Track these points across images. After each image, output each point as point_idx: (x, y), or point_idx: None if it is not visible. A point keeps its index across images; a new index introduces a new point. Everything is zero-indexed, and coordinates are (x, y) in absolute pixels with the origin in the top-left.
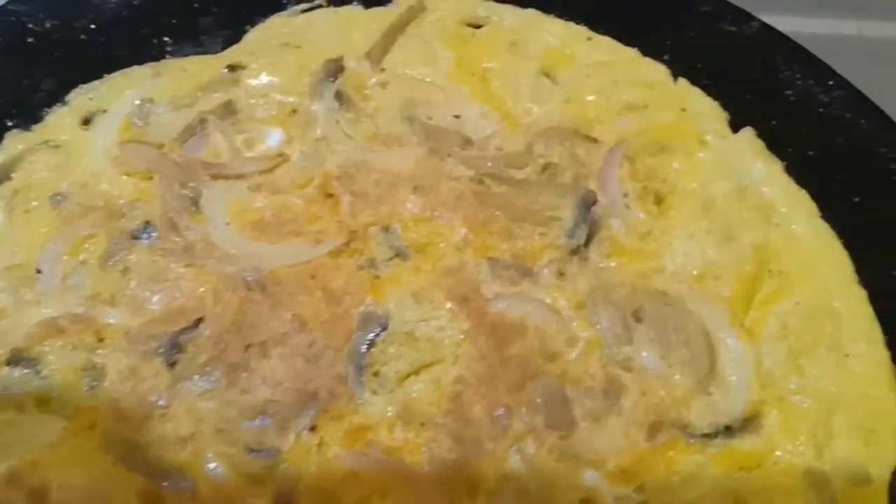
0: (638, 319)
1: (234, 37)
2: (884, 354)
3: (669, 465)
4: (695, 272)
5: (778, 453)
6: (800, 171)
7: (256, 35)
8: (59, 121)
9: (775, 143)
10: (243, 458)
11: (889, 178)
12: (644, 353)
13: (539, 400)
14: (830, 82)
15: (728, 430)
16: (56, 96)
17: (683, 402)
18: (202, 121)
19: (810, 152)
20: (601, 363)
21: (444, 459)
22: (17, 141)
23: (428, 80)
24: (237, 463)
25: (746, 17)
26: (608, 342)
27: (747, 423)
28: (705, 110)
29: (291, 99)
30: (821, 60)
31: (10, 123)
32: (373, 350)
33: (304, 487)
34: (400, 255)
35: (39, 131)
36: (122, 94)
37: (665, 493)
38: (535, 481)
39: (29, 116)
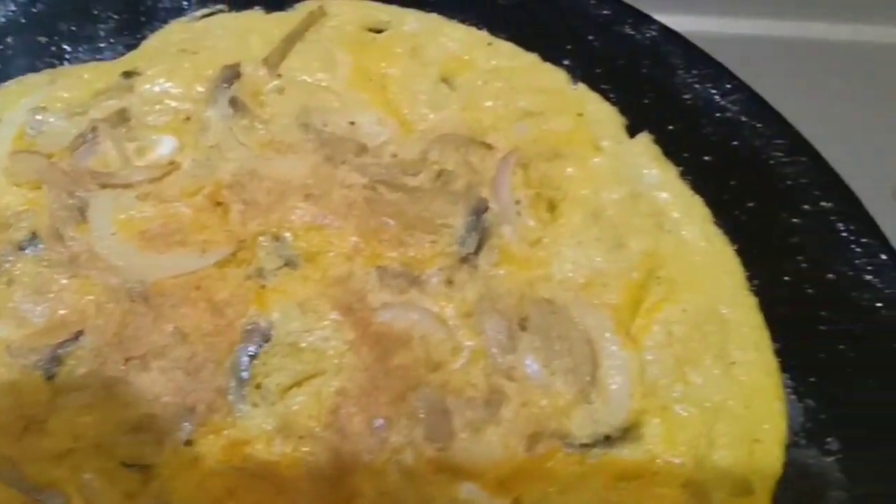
0: (523, 328)
1: (134, 43)
2: (772, 363)
3: (548, 475)
4: (582, 280)
5: (658, 462)
6: (695, 176)
7: (155, 41)
8: None
9: (672, 148)
10: (118, 473)
11: (784, 183)
12: (528, 362)
13: (420, 411)
14: (728, 85)
15: (608, 440)
16: None
17: (564, 412)
18: (93, 129)
19: (706, 157)
20: (485, 373)
21: (321, 474)
22: None
23: (325, 85)
24: (112, 478)
25: (646, 20)
26: (493, 351)
27: (627, 432)
28: (602, 115)
29: (186, 106)
30: (718, 63)
31: None
32: (255, 362)
33: (177, 503)
34: (289, 264)
35: None
36: (18, 102)
37: None
38: (413, 495)
39: None
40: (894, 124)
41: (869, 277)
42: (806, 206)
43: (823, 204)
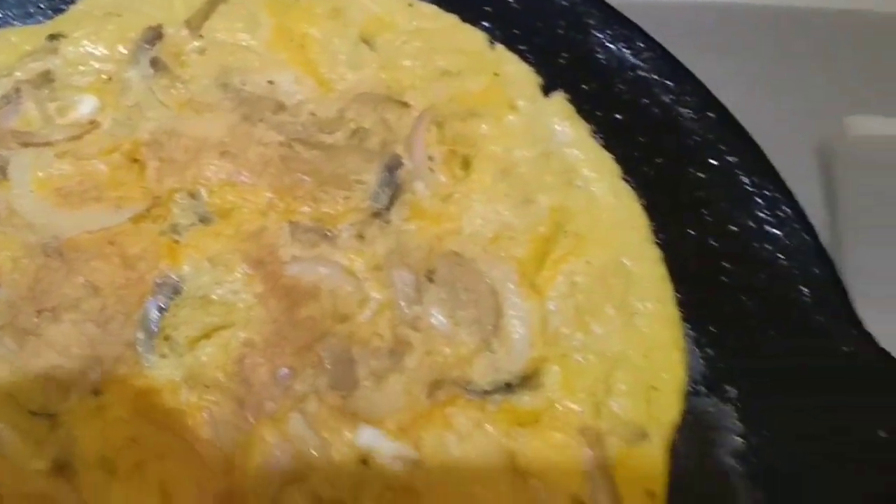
0: (431, 280)
1: (64, 8)
2: (673, 313)
3: (448, 422)
4: (490, 234)
5: (556, 409)
6: (607, 134)
7: (82, 5)
8: None
9: (585, 107)
10: (26, 421)
11: (692, 139)
12: (433, 313)
13: (325, 361)
14: (640, 44)
15: (508, 387)
16: None
17: (467, 360)
18: (17, 90)
19: (618, 115)
20: (391, 324)
21: (224, 421)
22: None
23: (245, 45)
24: (19, 425)
25: None
26: (400, 303)
27: (527, 380)
28: (519, 76)
29: (109, 67)
30: (631, 23)
31: None
32: (165, 314)
33: (81, 451)
34: (203, 220)
35: None
36: None
37: (441, 449)
38: (314, 441)
39: None
40: (817, 85)
41: (771, 229)
42: (712, 161)
43: (729, 158)
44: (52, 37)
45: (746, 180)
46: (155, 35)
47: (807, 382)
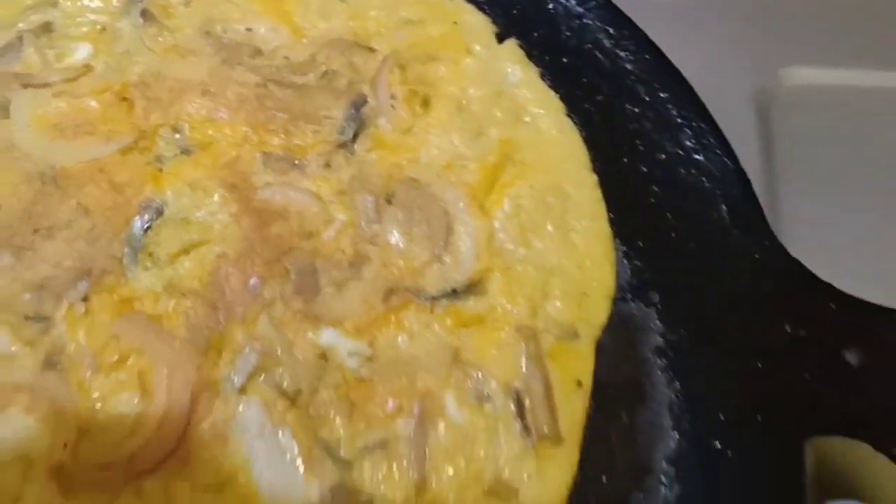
0: (389, 202)
1: None
2: (605, 230)
3: (400, 324)
4: (444, 162)
5: (497, 311)
6: (554, 76)
7: None
8: None
9: (535, 52)
10: (21, 324)
11: (629, 78)
12: (391, 231)
13: (291, 272)
14: None
15: (455, 293)
16: None
17: (419, 272)
18: (19, 38)
19: (564, 59)
20: (352, 241)
21: (198, 324)
22: None
23: None
24: (15, 328)
25: None
26: (360, 223)
27: (472, 287)
28: (476, 24)
29: (103, 18)
30: None
31: None
32: (148, 233)
33: (69, 349)
34: (184, 151)
35: None
36: None
37: (393, 346)
38: (279, 339)
39: None
40: (754, 38)
41: (696, 156)
42: (646, 98)
43: (661, 95)
44: None
45: (676, 113)
46: None
47: (720, 286)
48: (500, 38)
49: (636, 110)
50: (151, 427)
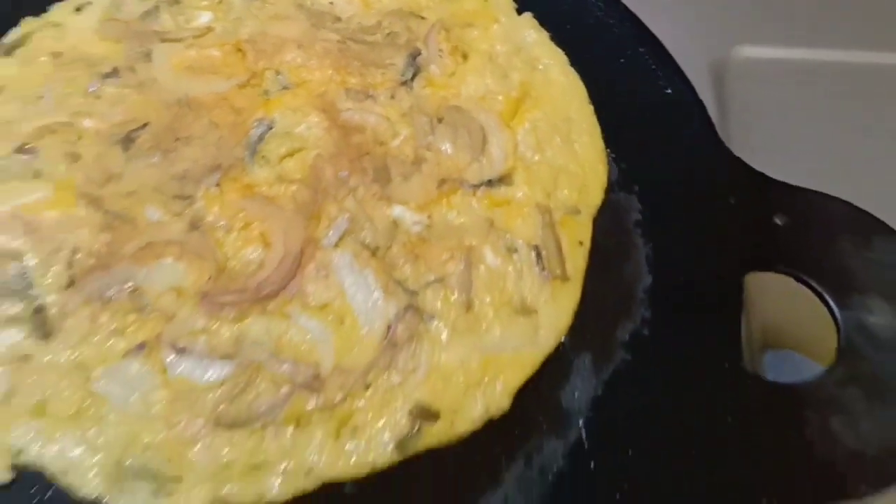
0: (440, 122)
1: None
2: (600, 143)
3: (450, 203)
4: (479, 96)
5: (520, 196)
6: (559, 38)
7: None
8: (59, 10)
9: (544, 21)
10: (169, 201)
11: (614, 40)
12: (442, 141)
13: (369, 168)
14: None
15: (490, 183)
16: None
17: (463, 168)
18: (156, 7)
19: (567, 26)
20: (413, 147)
21: (303, 201)
22: (29, 24)
23: None
24: (165, 204)
25: None
26: (417, 135)
27: (502, 179)
28: (500, 1)
29: None
30: None
31: (24, 14)
32: (262, 141)
33: (207, 219)
34: (285, 87)
35: (45, 17)
36: None
37: (445, 219)
38: (362, 212)
39: (38, 9)
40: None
41: (667, 91)
42: (629, 52)
43: (640, 49)
44: None
45: (650, 62)
46: None
47: (682, 176)
48: (519, 12)
49: (621, 61)
50: (273, 265)
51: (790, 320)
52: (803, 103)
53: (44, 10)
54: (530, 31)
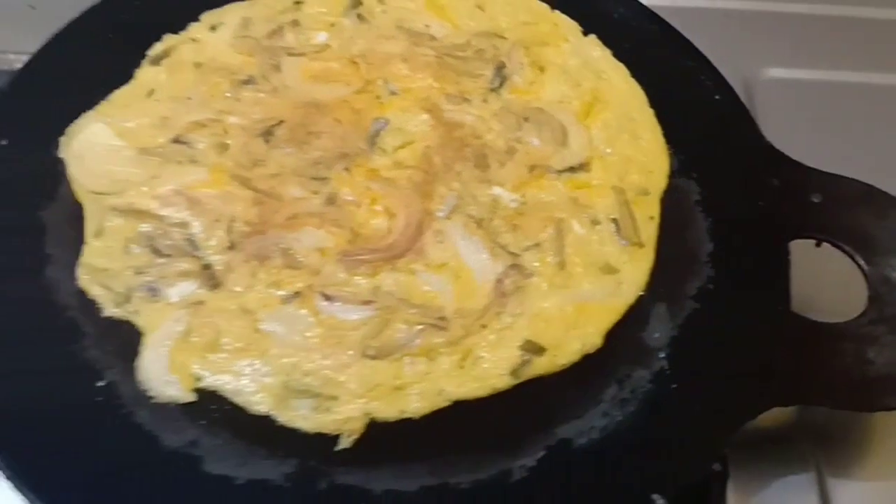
0: (526, 120)
1: None
2: (661, 139)
3: (539, 185)
4: (557, 100)
5: (598, 180)
6: (619, 54)
7: None
8: (196, 28)
9: (606, 41)
10: (307, 182)
11: (663, 54)
12: (530, 135)
13: (469, 156)
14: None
15: (572, 169)
16: (194, 17)
17: (549, 156)
18: (280, 27)
19: (626, 45)
20: (505, 140)
21: (417, 182)
22: (171, 39)
23: (409, 7)
24: (305, 185)
25: None
26: (508, 131)
27: (582, 166)
28: (568, 25)
29: (331, 18)
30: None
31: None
32: (379, 136)
33: (340, 195)
34: (394, 93)
35: (184, 34)
36: (235, 13)
37: (537, 197)
38: (467, 191)
39: (178, 28)
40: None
41: (717, 97)
42: (680, 65)
43: (689, 63)
44: (297, 2)
45: (700, 73)
46: (357, 3)
47: (731, 164)
48: (585, 33)
49: (675, 73)
50: (399, 231)
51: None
52: (828, 122)
53: (181, 28)
54: (595, 48)
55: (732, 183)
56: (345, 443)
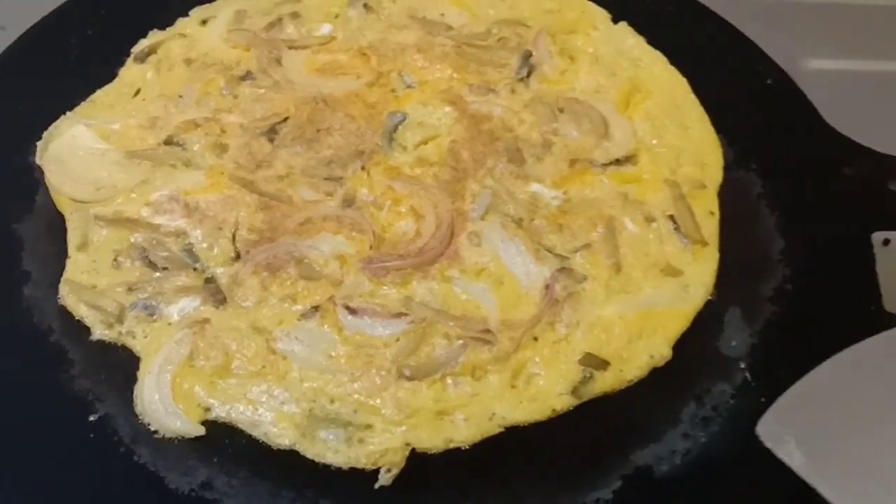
0: (560, 111)
1: None
2: (710, 129)
3: (583, 180)
4: (592, 89)
5: (647, 174)
6: (654, 41)
7: None
8: (184, 23)
9: (638, 28)
10: (320, 182)
11: (707, 48)
12: (567, 127)
13: (502, 150)
14: None
15: (617, 162)
16: (183, 13)
17: (590, 149)
18: (279, 19)
19: (664, 31)
20: (540, 132)
21: (444, 180)
22: (156, 35)
23: None
24: (315, 186)
25: None
26: (542, 122)
27: (629, 159)
28: (596, 11)
29: (335, 9)
30: None
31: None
32: (397, 132)
33: (357, 196)
34: (410, 86)
35: (171, 30)
36: (229, 6)
37: (581, 193)
38: (502, 188)
39: (165, 23)
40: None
41: (769, 81)
42: (724, 50)
43: (735, 48)
44: None
45: (749, 58)
46: None
47: (791, 152)
48: (615, 21)
49: (719, 59)
50: (430, 233)
51: None
52: (869, 111)
53: (168, 24)
54: (629, 36)
55: (797, 173)
56: (384, 479)
